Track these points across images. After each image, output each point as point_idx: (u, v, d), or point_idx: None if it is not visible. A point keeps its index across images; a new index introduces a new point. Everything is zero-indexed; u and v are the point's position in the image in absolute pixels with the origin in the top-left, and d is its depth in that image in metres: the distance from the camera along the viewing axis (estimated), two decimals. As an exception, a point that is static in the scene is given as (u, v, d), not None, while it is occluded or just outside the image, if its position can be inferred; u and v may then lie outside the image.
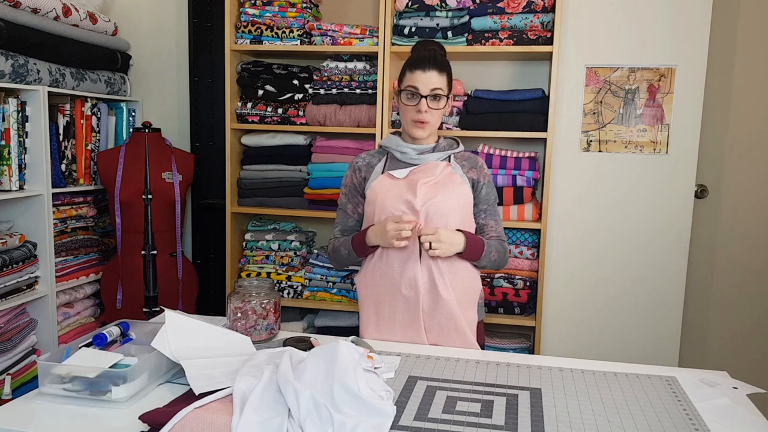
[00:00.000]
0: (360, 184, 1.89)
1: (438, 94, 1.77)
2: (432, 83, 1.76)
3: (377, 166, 1.87)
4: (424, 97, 1.76)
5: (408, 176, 1.79)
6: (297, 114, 2.83)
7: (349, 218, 1.92)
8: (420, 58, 1.79)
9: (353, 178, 1.90)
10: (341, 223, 1.93)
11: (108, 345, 1.50)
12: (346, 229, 1.92)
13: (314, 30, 2.78)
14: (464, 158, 1.88)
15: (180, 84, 3.23)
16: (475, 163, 1.87)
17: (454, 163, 1.85)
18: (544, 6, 2.59)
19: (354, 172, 1.90)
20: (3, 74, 2.38)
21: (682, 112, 2.62)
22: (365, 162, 1.90)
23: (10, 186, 2.48)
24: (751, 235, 3.02)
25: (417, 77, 1.77)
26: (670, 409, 1.35)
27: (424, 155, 1.83)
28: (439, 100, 1.78)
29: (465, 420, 1.27)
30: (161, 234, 2.84)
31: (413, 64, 1.79)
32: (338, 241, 1.89)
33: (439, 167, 1.79)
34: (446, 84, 1.80)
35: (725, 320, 3.08)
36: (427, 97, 1.76)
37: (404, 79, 1.81)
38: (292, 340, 1.63)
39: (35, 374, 2.49)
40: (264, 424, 1.15)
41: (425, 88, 1.76)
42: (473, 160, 1.88)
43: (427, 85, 1.76)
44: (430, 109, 1.77)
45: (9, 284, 2.49)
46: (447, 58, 1.86)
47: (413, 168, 1.81)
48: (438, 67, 1.78)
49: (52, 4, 2.55)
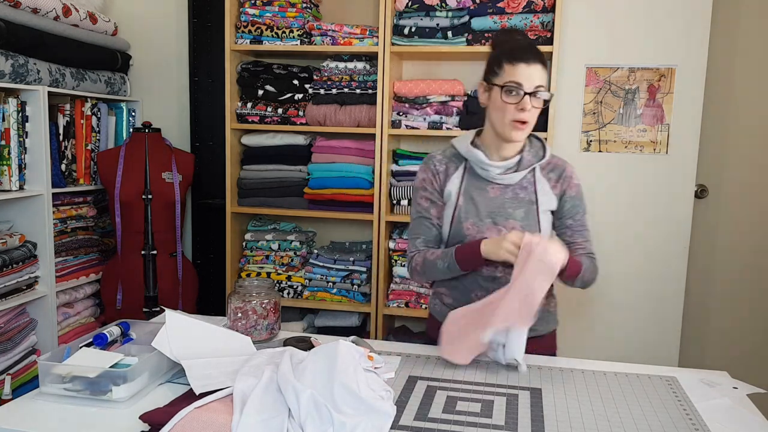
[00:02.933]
0: (440, 190, 1.70)
1: (540, 92, 1.55)
2: (536, 79, 1.55)
3: (454, 175, 1.68)
4: (528, 93, 1.54)
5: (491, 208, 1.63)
6: (297, 114, 2.83)
7: (432, 228, 1.70)
8: (522, 49, 1.57)
9: (433, 183, 1.70)
10: (423, 234, 1.70)
11: (108, 345, 1.50)
12: (430, 240, 1.70)
13: (314, 30, 2.78)
14: (550, 168, 1.68)
15: (180, 84, 3.23)
16: (561, 173, 1.67)
17: (539, 176, 1.66)
18: (544, 6, 2.59)
19: (433, 177, 1.70)
20: (3, 74, 2.38)
21: (682, 112, 2.63)
22: (443, 168, 1.70)
23: (10, 186, 2.48)
24: (751, 235, 3.02)
25: (519, 71, 1.54)
26: (670, 409, 1.35)
27: (508, 174, 1.63)
28: (539, 98, 1.56)
29: (465, 420, 1.27)
30: (161, 234, 2.84)
31: (514, 56, 1.55)
32: (431, 254, 1.66)
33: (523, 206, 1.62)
34: (546, 78, 1.58)
35: (725, 320, 3.08)
36: (531, 95, 1.55)
37: (501, 73, 1.56)
38: (292, 340, 1.63)
39: (35, 374, 2.48)
40: (264, 424, 1.15)
41: (529, 84, 1.54)
42: (560, 169, 1.68)
43: (531, 80, 1.54)
44: (533, 108, 1.56)
45: (9, 284, 2.49)
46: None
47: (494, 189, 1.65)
48: (541, 59, 1.57)
49: (52, 4, 2.55)
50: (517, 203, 1.64)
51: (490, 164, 1.63)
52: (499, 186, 1.65)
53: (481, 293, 1.63)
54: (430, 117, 2.71)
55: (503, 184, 1.65)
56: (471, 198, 1.66)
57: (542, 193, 1.65)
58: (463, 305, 1.61)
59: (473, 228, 1.63)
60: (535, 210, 1.64)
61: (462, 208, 1.65)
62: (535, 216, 1.64)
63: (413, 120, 2.73)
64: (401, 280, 2.79)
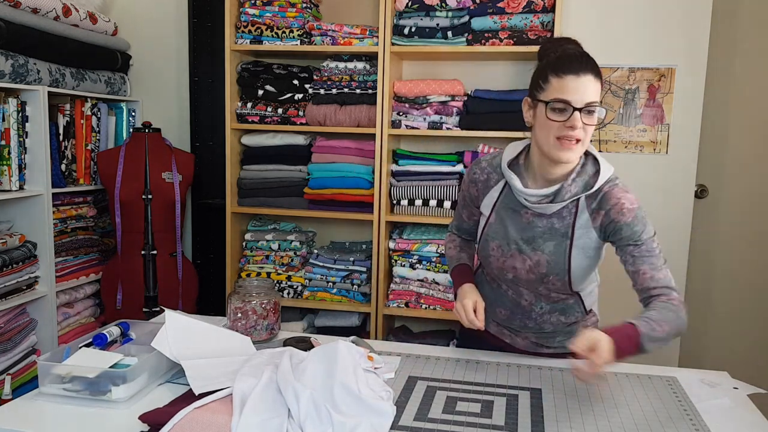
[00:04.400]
0: (475, 198, 1.64)
1: (593, 109, 1.38)
2: (588, 93, 1.37)
3: (494, 189, 1.58)
4: (577, 109, 1.36)
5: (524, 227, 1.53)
6: (297, 114, 2.83)
7: (464, 222, 1.74)
8: (570, 58, 1.39)
9: (470, 189, 1.64)
10: (457, 221, 1.77)
11: (108, 345, 1.50)
12: (461, 228, 1.77)
13: (314, 30, 2.78)
14: (596, 197, 1.47)
15: (180, 84, 3.23)
16: (605, 203, 1.46)
17: (582, 206, 1.48)
18: (544, 6, 2.59)
19: (471, 183, 1.63)
20: (3, 74, 2.38)
21: (682, 112, 2.62)
22: (484, 177, 1.60)
23: (10, 186, 2.48)
24: (751, 235, 3.02)
25: (567, 84, 1.36)
26: (670, 409, 1.35)
27: (542, 204, 1.48)
28: (592, 115, 1.39)
29: (465, 420, 1.27)
30: (161, 234, 2.84)
31: (561, 67, 1.38)
32: (454, 245, 1.77)
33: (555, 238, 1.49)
34: (600, 95, 1.41)
35: (725, 320, 3.08)
36: (582, 110, 1.37)
37: (548, 88, 1.40)
38: (292, 340, 1.63)
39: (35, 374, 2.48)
40: (264, 425, 1.15)
41: (579, 99, 1.36)
42: (601, 197, 1.47)
43: (581, 94, 1.36)
44: (585, 125, 1.38)
45: (9, 284, 2.49)
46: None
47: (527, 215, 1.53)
48: (593, 70, 1.38)
49: (52, 4, 2.55)
50: (550, 235, 1.49)
51: (521, 191, 1.48)
52: (534, 214, 1.51)
53: (506, 312, 1.66)
54: (430, 117, 2.71)
55: (538, 212, 1.50)
56: (502, 219, 1.56)
57: (580, 226, 1.48)
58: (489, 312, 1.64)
59: (498, 251, 1.56)
60: (568, 245, 1.48)
61: (491, 227, 1.57)
62: (565, 251, 1.48)
63: (413, 120, 2.73)
64: (401, 280, 2.79)
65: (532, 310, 1.61)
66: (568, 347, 1.45)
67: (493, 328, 1.72)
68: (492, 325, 1.72)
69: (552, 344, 1.67)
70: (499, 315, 1.68)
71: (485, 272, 1.70)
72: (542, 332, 1.65)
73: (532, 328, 1.65)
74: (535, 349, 1.68)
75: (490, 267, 1.62)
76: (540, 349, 1.68)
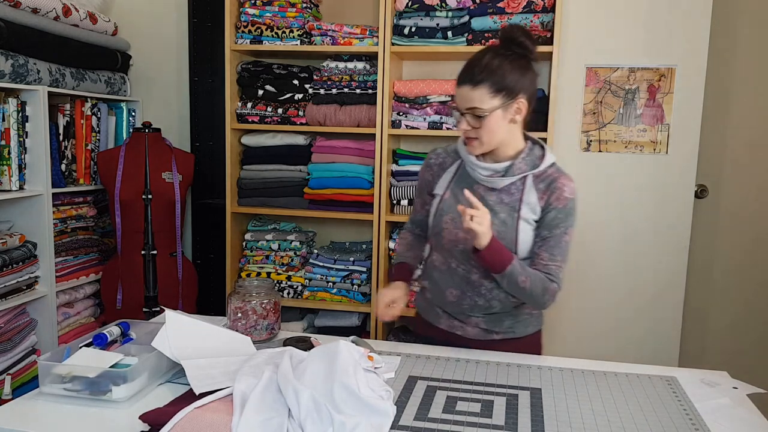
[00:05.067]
0: (428, 183, 1.75)
1: (476, 114, 1.54)
2: (466, 101, 1.55)
3: (449, 168, 1.72)
4: (462, 114, 1.56)
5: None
6: (297, 114, 2.83)
7: (418, 213, 1.84)
8: (462, 71, 1.57)
9: (425, 174, 1.77)
10: (413, 214, 1.88)
11: (108, 345, 1.50)
12: (415, 221, 1.86)
13: (314, 30, 2.78)
14: (543, 179, 1.61)
15: (180, 84, 3.23)
16: (551, 184, 1.60)
17: (529, 185, 1.61)
18: (544, 6, 2.59)
19: (426, 168, 1.77)
20: (3, 74, 2.38)
21: (682, 112, 2.62)
22: (439, 161, 1.75)
23: (10, 186, 2.48)
24: (751, 235, 3.02)
25: (457, 92, 1.58)
26: (670, 409, 1.35)
27: (494, 178, 1.62)
28: (479, 118, 1.54)
29: (465, 420, 1.27)
30: (161, 234, 2.84)
31: (458, 77, 1.58)
32: (402, 245, 1.87)
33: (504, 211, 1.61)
34: (488, 97, 1.53)
35: (725, 320, 3.08)
36: (466, 115, 1.56)
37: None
38: (292, 340, 1.63)
39: (35, 374, 2.49)
40: (264, 424, 1.15)
41: (462, 105, 1.56)
42: (550, 179, 1.61)
43: (462, 101, 1.56)
44: (474, 128, 1.56)
45: (9, 284, 2.49)
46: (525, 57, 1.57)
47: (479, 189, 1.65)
48: (470, 80, 1.54)
49: (52, 4, 2.55)
50: (500, 207, 1.61)
51: (476, 164, 1.63)
52: (486, 188, 1.64)
53: (456, 292, 1.68)
54: (430, 117, 2.71)
55: (490, 187, 1.64)
56: (456, 194, 1.67)
57: (527, 202, 1.60)
58: (439, 300, 1.73)
59: (451, 223, 1.65)
60: (516, 217, 1.60)
61: (446, 202, 1.68)
62: (514, 222, 1.60)
63: (413, 120, 2.73)
64: (401, 280, 2.79)
65: (481, 285, 1.65)
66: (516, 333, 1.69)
67: (444, 323, 1.75)
68: (443, 319, 1.74)
69: (501, 329, 1.70)
70: (450, 297, 1.70)
71: (435, 256, 1.75)
72: (491, 313, 1.68)
73: (481, 307, 1.67)
74: (486, 336, 1.71)
75: (442, 243, 1.68)
76: (491, 336, 1.71)
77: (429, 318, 1.78)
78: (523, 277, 1.54)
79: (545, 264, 1.58)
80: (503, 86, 1.53)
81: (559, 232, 1.58)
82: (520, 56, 1.57)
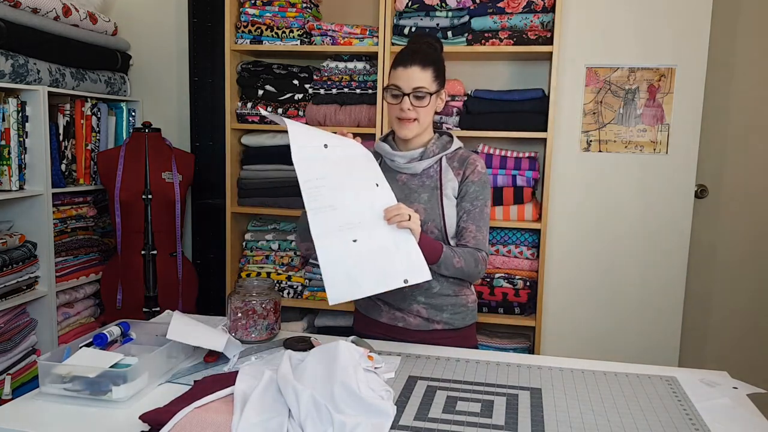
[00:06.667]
0: None
1: (421, 94, 1.68)
2: (414, 80, 1.67)
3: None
4: (406, 94, 1.68)
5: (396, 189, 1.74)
6: (297, 114, 2.83)
7: None
8: (402, 54, 1.71)
9: None
10: None
11: (108, 345, 1.50)
12: None
13: (314, 30, 2.78)
14: (456, 158, 1.78)
15: (180, 84, 3.23)
16: (465, 161, 1.76)
17: (445, 165, 1.76)
18: (544, 6, 2.59)
19: None
20: (3, 74, 2.38)
21: (682, 112, 2.62)
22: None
23: (10, 186, 2.48)
24: (751, 235, 3.02)
25: (399, 74, 1.69)
26: (670, 409, 1.35)
27: (412, 164, 1.75)
28: (422, 98, 1.68)
29: (465, 420, 1.27)
30: (161, 234, 2.83)
31: (396, 60, 1.72)
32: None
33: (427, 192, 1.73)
34: (431, 80, 1.70)
35: (725, 320, 3.08)
36: (410, 95, 1.68)
37: (390, 77, 1.75)
38: (292, 340, 1.63)
39: (35, 374, 2.49)
40: (264, 425, 1.15)
41: (407, 86, 1.68)
42: (464, 158, 1.77)
43: (408, 82, 1.68)
44: (415, 107, 1.69)
45: (9, 284, 2.49)
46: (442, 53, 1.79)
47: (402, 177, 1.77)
48: (420, 62, 1.68)
49: (52, 4, 2.55)
50: (423, 189, 1.74)
51: (394, 154, 1.77)
52: (407, 175, 1.77)
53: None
54: (430, 117, 2.71)
55: (410, 173, 1.77)
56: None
57: (446, 179, 1.74)
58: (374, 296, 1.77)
59: None
60: (439, 195, 1.73)
61: None
62: (438, 200, 1.73)
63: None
64: (401, 280, 2.79)
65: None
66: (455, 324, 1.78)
67: (385, 316, 1.80)
68: (384, 313, 1.80)
69: (441, 319, 1.77)
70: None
71: None
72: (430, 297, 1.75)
73: (422, 288, 1.73)
74: (428, 326, 1.77)
75: None
76: (432, 326, 1.77)
77: (370, 314, 1.84)
78: (457, 258, 1.66)
79: (474, 235, 1.71)
80: (441, 74, 1.74)
81: (480, 204, 1.73)
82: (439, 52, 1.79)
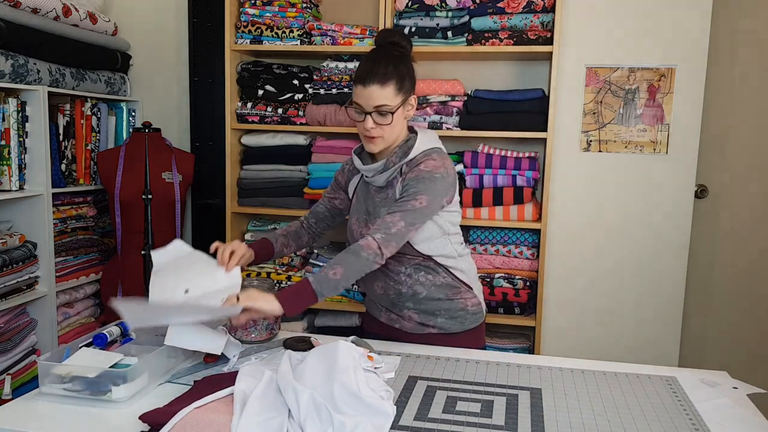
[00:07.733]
0: (341, 182, 1.89)
1: (383, 112, 1.61)
2: (374, 99, 1.60)
3: (356, 176, 1.83)
4: (368, 113, 1.62)
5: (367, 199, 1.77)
6: (297, 114, 2.83)
7: (320, 204, 1.93)
8: (360, 70, 1.63)
9: (338, 175, 1.90)
10: (315, 205, 1.95)
11: (108, 345, 1.50)
12: (315, 211, 1.94)
13: (314, 30, 2.78)
14: (415, 163, 1.66)
15: (180, 84, 3.23)
16: (410, 163, 1.66)
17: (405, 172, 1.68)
18: (544, 6, 2.59)
19: (340, 171, 1.89)
20: (3, 74, 2.38)
21: (682, 112, 2.62)
22: (352, 167, 1.86)
23: (10, 186, 2.48)
24: (751, 235, 3.02)
25: (359, 92, 1.62)
26: (670, 409, 1.35)
27: (376, 177, 1.71)
28: (385, 116, 1.61)
29: (465, 420, 1.27)
30: (161, 234, 2.83)
31: (356, 77, 1.64)
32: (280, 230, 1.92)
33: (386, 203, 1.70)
34: (393, 95, 1.61)
35: (725, 320, 3.08)
36: (372, 114, 1.62)
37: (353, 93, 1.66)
38: (292, 340, 1.63)
39: (35, 374, 2.48)
40: (264, 424, 1.15)
41: (368, 104, 1.61)
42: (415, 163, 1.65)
43: (368, 101, 1.60)
44: (379, 125, 1.62)
45: (9, 284, 2.49)
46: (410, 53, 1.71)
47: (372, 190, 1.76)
48: (379, 80, 1.59)
49: (52, 4, 2.55)
50: (385, 202, 1.70)
51: (362, 168, 1.72)
52: (375, 188, 1.75)
53: (381, 284, 1.76)
54: (430, 117, 2.71)
55: (377, 186, 1.74)
56: (359, 198, 1.80)
57: (399, 189, 1.66)
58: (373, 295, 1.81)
59: (356, 224, 1.79)
60: None
61: (353, 206, 1.83)
62: None
63: (413, 120, 2.73)
64: (401, 280, 2.79)
65: (399, 272, 1.72)
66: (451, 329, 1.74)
67: (384, 317, 1.82)
68: (383, 313, 1.82)
69: (435, 323, 1.75)
70: (378, 290, 1.78)
71: None
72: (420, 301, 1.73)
73: (406, 295, 1.73)
74: (422, 330, 1.76)
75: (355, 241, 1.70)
76: (427, 330, 1.76)
77: (373, 313, 1.87)
78: (332, 271, 1.53)
79: (381, 221, 1.58)
80: (403, 84, 1.64)
81: (407, 196, 1.60)
82: (404, 56, 1.68)
